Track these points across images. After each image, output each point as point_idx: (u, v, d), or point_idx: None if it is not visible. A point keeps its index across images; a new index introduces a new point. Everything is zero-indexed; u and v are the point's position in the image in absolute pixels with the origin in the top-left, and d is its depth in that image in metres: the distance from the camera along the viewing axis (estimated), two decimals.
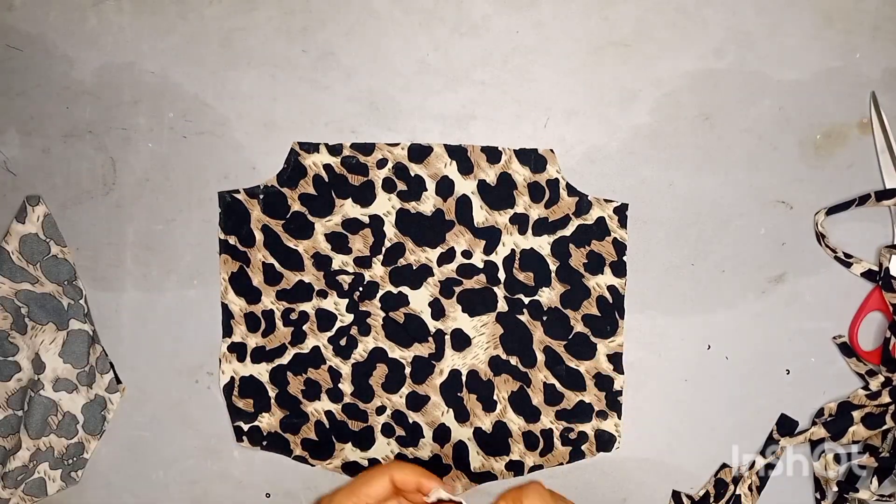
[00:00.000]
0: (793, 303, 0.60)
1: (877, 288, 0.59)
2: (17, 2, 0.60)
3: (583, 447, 0.60)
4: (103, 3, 0.60)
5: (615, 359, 0.59)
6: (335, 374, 0.60)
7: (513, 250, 0.59)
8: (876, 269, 0.59)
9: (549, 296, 0.59)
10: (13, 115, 0.60)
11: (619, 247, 0.59)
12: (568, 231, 0.59)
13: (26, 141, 0.60)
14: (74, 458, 0.60)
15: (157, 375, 0.60)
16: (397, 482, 0.49)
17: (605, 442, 0.60)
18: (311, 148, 0.59)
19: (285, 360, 0.60)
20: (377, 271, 0.59)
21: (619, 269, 0.59)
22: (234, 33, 0.60)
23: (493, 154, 0.59)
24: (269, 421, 0.60)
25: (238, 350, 0.60)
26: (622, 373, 0.60)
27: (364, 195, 0.59)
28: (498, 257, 0.59)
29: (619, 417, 0.60)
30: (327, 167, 0.59)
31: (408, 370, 0.60)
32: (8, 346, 0.58)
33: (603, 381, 0.59)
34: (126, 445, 0.60)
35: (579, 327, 0.59)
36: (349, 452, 0.60)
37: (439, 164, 0.59)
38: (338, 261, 0.59)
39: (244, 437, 0.60)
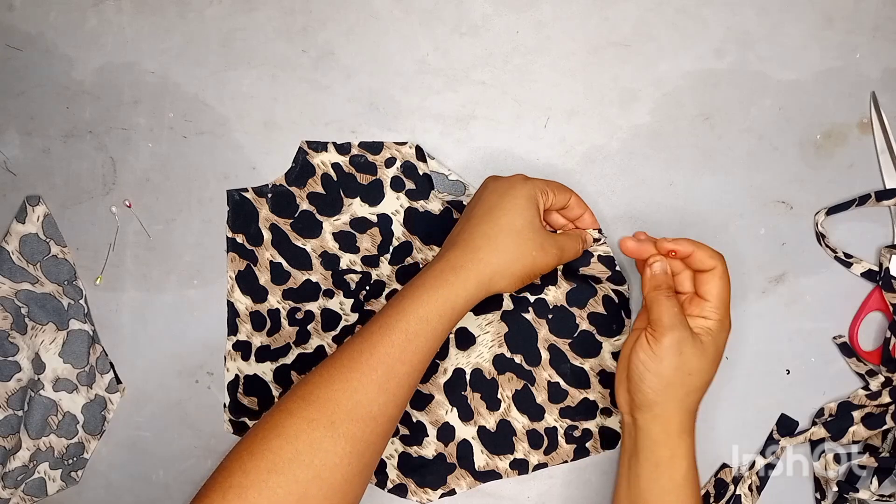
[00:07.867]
0: (793, 303, 0.60)
1: (877, 288, 0.59)
2: (17, 2, 0.60)
3: (587, 445, 0.59)
4: (103, 3, 0.60)
5: None
6: None
7: None
8: (876, 269, 0.59)
9: (554, 294, 0.59)
10: (13, 115, 0.60)
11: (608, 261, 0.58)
12: None
13: (26, 141, 0.60)
14: (74, 458, 0.59)
15: (157, 375, 0.60)
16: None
17: (610, 439, 0.60)
18: (320, 147, 0.59)
19: (289, 359, 0.59)
20: (384, 270, 0.59)
21: (618, 280, 0.58)
22: (235, 33, 0.60)
23: None
24: None
25: (243, 348, 0.59)
26: None
27: (372, 194, 0.59)
28: None
29: None
30: (336, 166, 0.59)
31: None
32: (8, 346, 0.58)
33: (607, 379, 0.59)
34: (126, 445, 0.60)
35: (585, 325, 0.59)
36: None
37: None
38: (346, 260, 0.59)
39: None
